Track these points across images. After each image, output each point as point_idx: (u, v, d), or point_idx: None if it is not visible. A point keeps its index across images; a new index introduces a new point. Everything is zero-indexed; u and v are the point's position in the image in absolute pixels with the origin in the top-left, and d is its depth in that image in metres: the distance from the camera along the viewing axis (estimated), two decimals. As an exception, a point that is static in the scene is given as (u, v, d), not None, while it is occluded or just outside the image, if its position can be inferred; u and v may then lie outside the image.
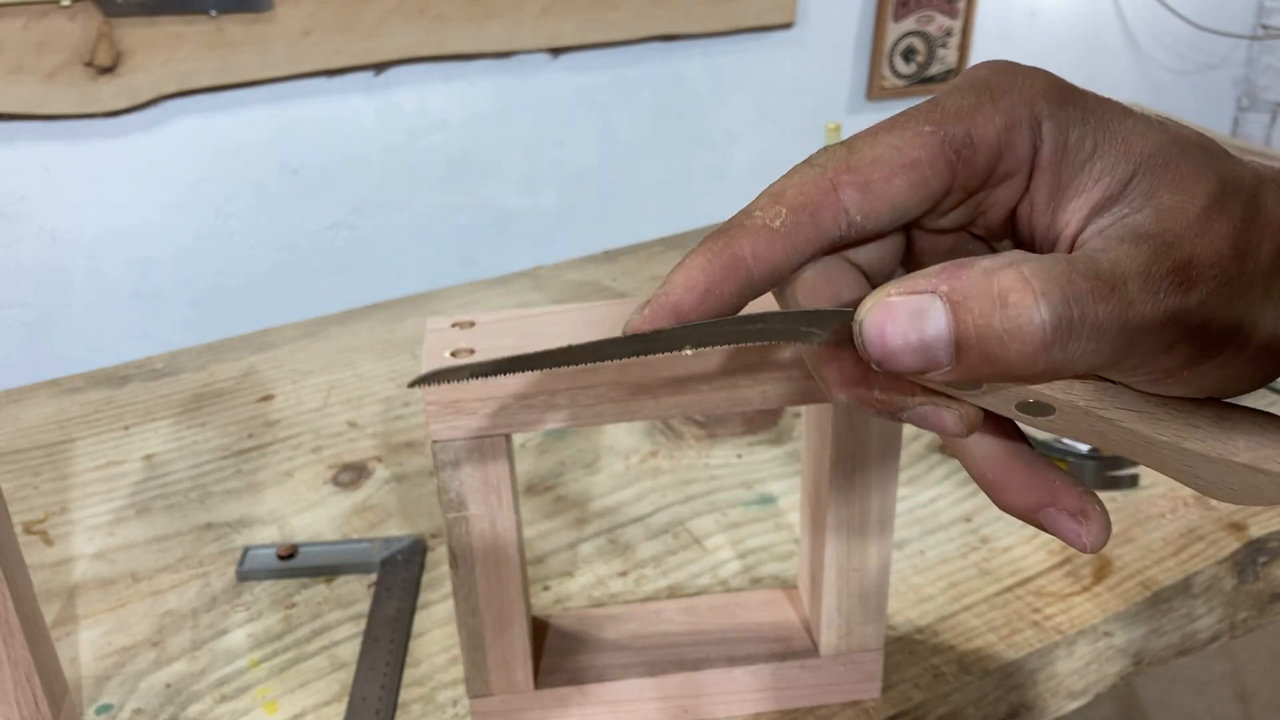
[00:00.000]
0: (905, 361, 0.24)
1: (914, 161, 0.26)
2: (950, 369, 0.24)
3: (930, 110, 0.26)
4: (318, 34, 1.36)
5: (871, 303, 0.24)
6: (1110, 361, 0.23)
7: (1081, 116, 0.26)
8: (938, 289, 0.23)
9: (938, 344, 0.23)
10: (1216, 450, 0.25)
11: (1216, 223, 0.24)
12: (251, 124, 1.39)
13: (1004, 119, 0.26)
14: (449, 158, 1.55)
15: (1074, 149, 0.26)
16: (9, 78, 1.21)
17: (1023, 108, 0.26)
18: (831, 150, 0.27)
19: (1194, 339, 0.24)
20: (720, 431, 0.74)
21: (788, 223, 0.26)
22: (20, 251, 1.33)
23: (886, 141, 0.26)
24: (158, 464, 0.73)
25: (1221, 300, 0.24)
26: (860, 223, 0.27)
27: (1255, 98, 2.28)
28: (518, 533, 0.45)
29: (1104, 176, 0.26)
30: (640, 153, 1.69)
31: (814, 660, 0.50)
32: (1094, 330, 0.23)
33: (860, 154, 0.26)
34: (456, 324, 0.44)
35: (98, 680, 0.55)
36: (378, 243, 1.55)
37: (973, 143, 0.26)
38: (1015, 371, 0.23)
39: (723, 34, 1.66)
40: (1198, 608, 0.61)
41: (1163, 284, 0.23)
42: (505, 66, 1.53)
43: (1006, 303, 0.23)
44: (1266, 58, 2.25)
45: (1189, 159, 0.25)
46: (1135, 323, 0.23)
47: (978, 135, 0.26)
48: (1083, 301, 0.23)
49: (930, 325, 0.23)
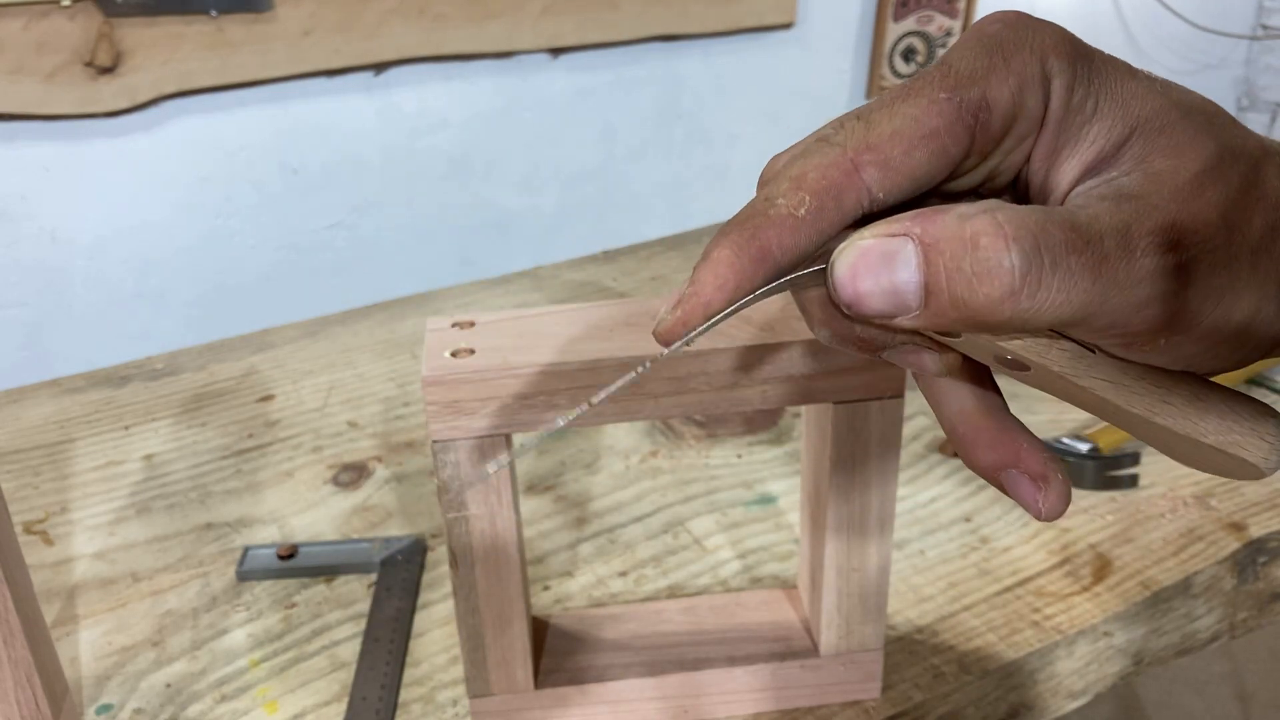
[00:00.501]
0: (874, 304, 0.24)
1: (933, 131, 0.25)
2: (918, 313, 0.24)
3: (944, 74, 0.26)
4: (318, 34, 1.36)
5: (845, 244, 0.24)
6: (1080, 315, 0.23)
7: (1087, 75, 0.26)
8: (910, 231, 0.23)
9: (907, 287, 0.23)
10: (1185, 429, 0.24)
11: (1208, 190, 0.24)
12: (252, 124, 1.39)
13: (1017, 79, 0.25)
14: (449, 158, 1.55)
15: (1076, 109, 0.26)
16: (9, 78, 1.21)
17: (1034, 65, 0.25)
18: (848, 125, 0.26)
19: (1169, 304, 0.23)
20: (720, 431, 0.74)
21: (812, 209, 0.26)
22: (20, 251, 1.33)
23: (904, 113, 0.26)
24: (158, 464, 0.73)
25: (1203, 268, 0.23)
26: (883, 199, 0.26)
27: (1255, 98, 2.28)
28: (518, 533, 0.45)
29: (1099, 139, 0.25)
30: (640, 153, 1.69)
31: (814, 660, 0.50)
32: (1065, 280, 0.22)
33: (879, 128, 0.26)
34: (456, 324, 0.44)
35: (98, 680, 0.55)
36: (378, 243, 1.55)
37: (988, 106, 0.25)
38: (982, 318, 0.23)
39: (723, 34, 1.66)
40: (1198, 608, 0.61)
41: (1140, 243, 0.23)
42: (505, 67, 1.53)
43: (977, 245, 0.22)
44: (1266, 58, 2.25)
45: (1189, 123, 0.25)
46: (1108, 277, 0.22)
47: (993, 98, 0.25)
48: (1055, 249, 0.22)
49: (901, 268, 0.23)
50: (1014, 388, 0.35)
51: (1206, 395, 0.24)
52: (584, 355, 0.41)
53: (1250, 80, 2.28)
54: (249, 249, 1.46)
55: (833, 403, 0.43)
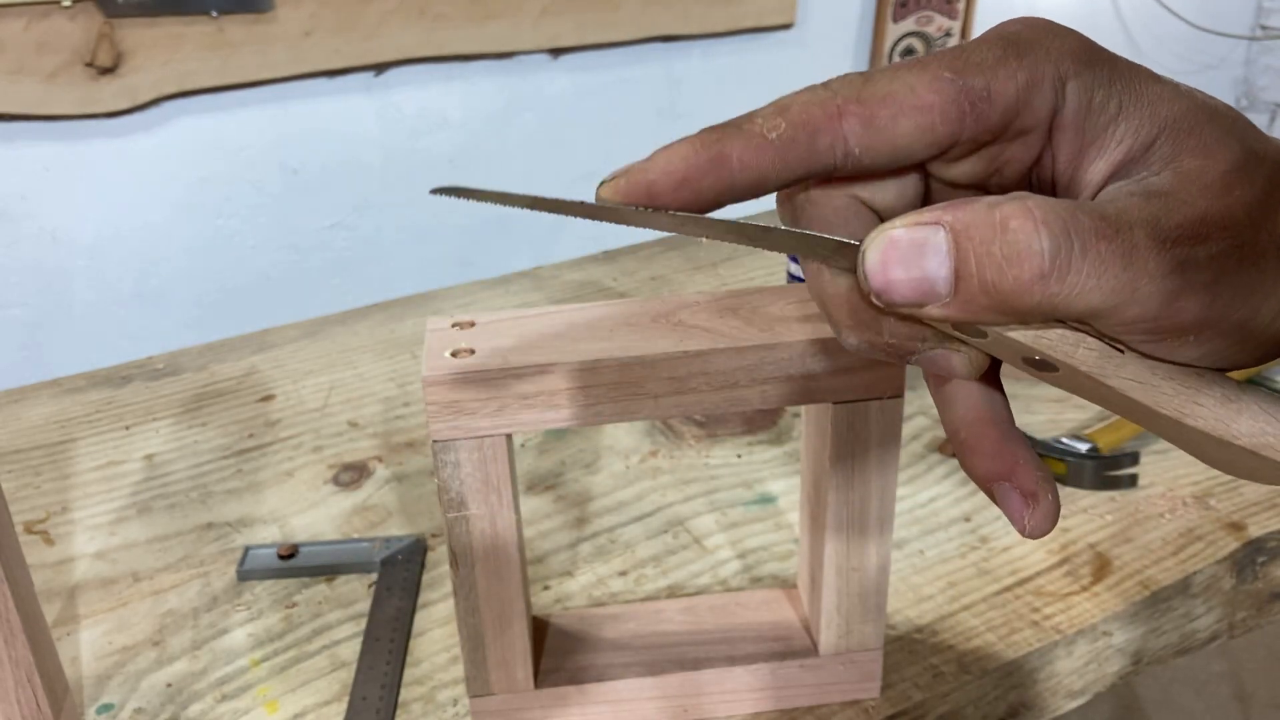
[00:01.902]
0: (904, 292, 0.24)
1: (925, 105, 0.26)
2: (948, 300, 0.24)
3: (955, 58, 0.26)
4: (318, 35, 1.36)
5: (875, 234, 0.25)
6: (1110, 303, 0.23)
7: (1109, 78, 0.26)
8: (940, 219, 0.24)
9: (938, 273, 0.24)
10: (1218, 430, 0.24)
11: (1236, 189, 0.24)
12: (252, 124, 1.39)
13: (1027, 75, 0.26)
14: (449, 158, 1.55)
15: (1099, 109, 0.26)
16: (10, 78, 1.21)
17: (1048, 65, 0.26)
18: (849, 78, 0.27)
19: (1199, 296, 0.23)
20: (720, 431, 0.75)
21: (784, 137, 0.26)
22: (21, 251, 1.33)
23: (903, 80, 0.26)
24: (158, 464, 0.74)
25: (1231, 262, 0.23)
26: (858, 156, 0.26)
27: (1254, 98, 2.29)
28: (518, 532, 0.45)
29: (1126, 138, 0.26)
30: (640, 153, 1.69)
31: (813, 660, 0.50)
32: (1095, 266, 0.23)
33: (874, 87, 0.26)
34: (457, 324, 0.44)
35: (99, 680, 0.55)
36: (378, 243, 1.55)
37: (990, 96, 0.26)
38: (1012, 303, 0.23)
39: (723, 34, 1.66)
40: (1197, 607, 0.61)
41: (1170, 235, 0.23)
42: (505, 67, 1.53)
43: (1007, 228, 0.23)
44: (1265, 58, 2.25)
45: (1215, 126, 0.25)
46: (1139, 266, 0.23)
47: (996, 89, 0.26)
48: (1085, 235, 0.23)
49: (931, 255, 0.24)
50: (1013, 388, 0.35)
51: (1239, 397, 0.25)
52: (584, 355, 0.41)
53: (1249, 80, 2.28)
54: (249, 249, 1.46)
55: (832, 403, 0.44)
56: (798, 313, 0.44)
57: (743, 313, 0.44)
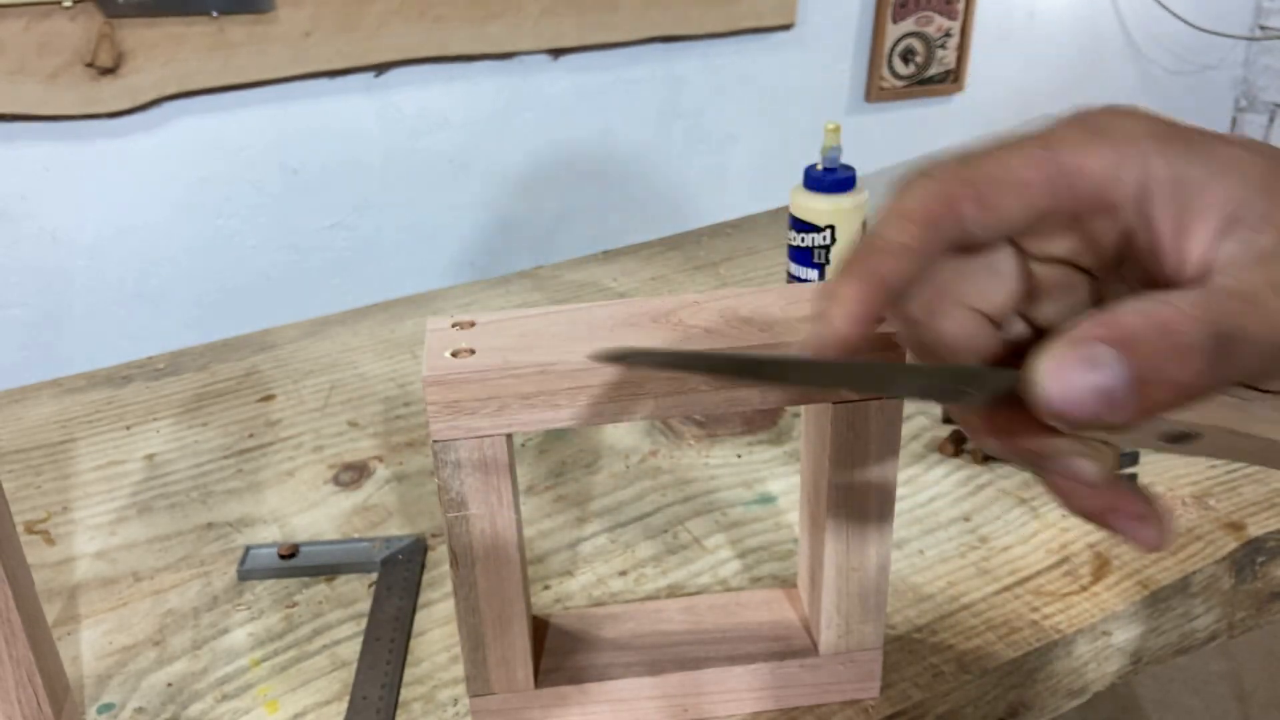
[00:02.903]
0: (1087, 408, 0.26)
1: (1026, 181, 0.28)
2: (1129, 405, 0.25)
3: (1046, 137, 0.29)
4: (319, 35, 1.36)
5: (1044, 360, 0.26)
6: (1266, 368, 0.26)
7: (1186, 150, 0.28)
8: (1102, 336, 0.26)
9: (1117, 385, 0.25)
10: None
11: None
12: (252, 125, 1.40)
13: (1114, 154, 0.28)
14: (449, 158, 1.55)
15: (1186, 181, 0.28)
16: (10, 78, 1.21)
17: (1131, 145, 0.28)
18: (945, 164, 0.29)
19: None
20: (720, 431, 0.75)
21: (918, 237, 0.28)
22: (21, 251, 1.33)
23: (1002, 160, 0.29)
24: (159, 463, 0.74)
25: None
26: (974, 234, 0.29)
27: (1253, 99, 2.29)
28: (518, 532, 0.45)
29: (1217, 203, 0.28)
30: (640, 153, 1.69)
31: (813, 659, 0.50)
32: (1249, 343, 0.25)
33: (976, 170, 0.29)
34: (457, 324, 0.44)
35: (99, 679, 0.55)
36: (378, 243, 1.55)
37: (1082, 171, 0.28)
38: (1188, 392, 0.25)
39: (723, 35, 1.66)
40: (1196, 607, 0.61)
41: None
42: (506, 67, 1.53)
43: (1170, 331, 0.25)
44: (1264, 59, 2.25)
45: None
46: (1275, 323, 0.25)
47: (1088, 165, 0.28)
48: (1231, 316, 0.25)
49: (1106, 369, 0.25)
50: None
51: None
52: (584, 355, 0.41)
53: (1248, 81, 2.28)
54: (250, 249, 1.46)
55: (832, 403, 0.44)
56: (798, 313, 0.44)
57: (743, 312, 0.44)
